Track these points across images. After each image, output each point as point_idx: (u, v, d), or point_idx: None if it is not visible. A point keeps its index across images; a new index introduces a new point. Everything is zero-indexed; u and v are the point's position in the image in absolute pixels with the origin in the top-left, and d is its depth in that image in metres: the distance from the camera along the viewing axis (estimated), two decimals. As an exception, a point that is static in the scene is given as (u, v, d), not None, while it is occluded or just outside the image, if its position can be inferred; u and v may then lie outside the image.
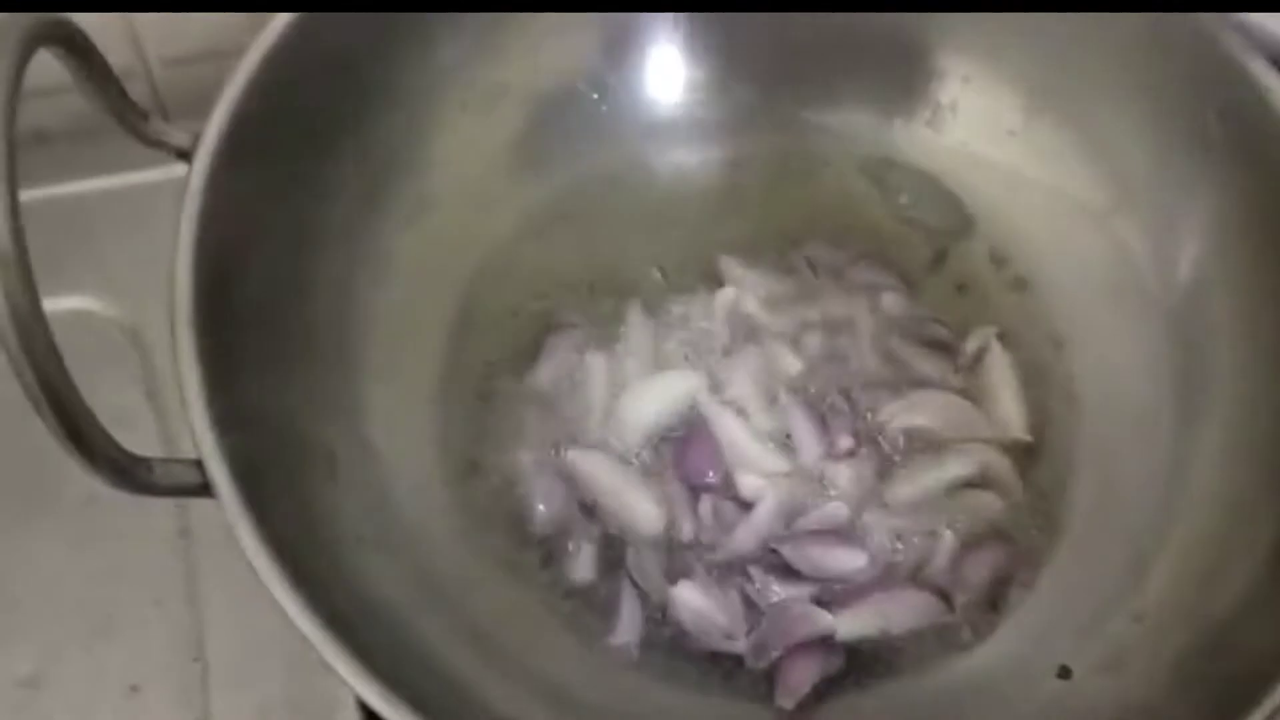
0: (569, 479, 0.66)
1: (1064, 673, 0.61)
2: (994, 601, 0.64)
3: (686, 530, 0.64)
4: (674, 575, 0.63)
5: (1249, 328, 0.63)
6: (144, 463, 0.49)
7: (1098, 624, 0.62)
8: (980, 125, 0.73)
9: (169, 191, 0.57)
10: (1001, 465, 0.67)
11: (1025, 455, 0.67)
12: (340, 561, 0.55)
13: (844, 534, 0.64)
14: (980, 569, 0.64)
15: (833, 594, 0.63)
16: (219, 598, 0.65)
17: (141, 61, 0.80)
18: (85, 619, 0.65)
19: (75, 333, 0.71)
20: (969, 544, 0.65)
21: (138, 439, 0.66)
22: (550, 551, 0.64)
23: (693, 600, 0.62)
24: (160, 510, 0.67)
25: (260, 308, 0.59)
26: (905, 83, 0.74)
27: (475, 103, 0.71)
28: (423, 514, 0.63)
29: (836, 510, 0.65)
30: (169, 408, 0.70)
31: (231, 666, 0.64)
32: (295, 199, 0.62)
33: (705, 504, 0.65)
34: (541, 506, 0.65)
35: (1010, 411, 0.68)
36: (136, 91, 0.79)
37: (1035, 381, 0.69)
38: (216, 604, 0.65)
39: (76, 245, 0.75)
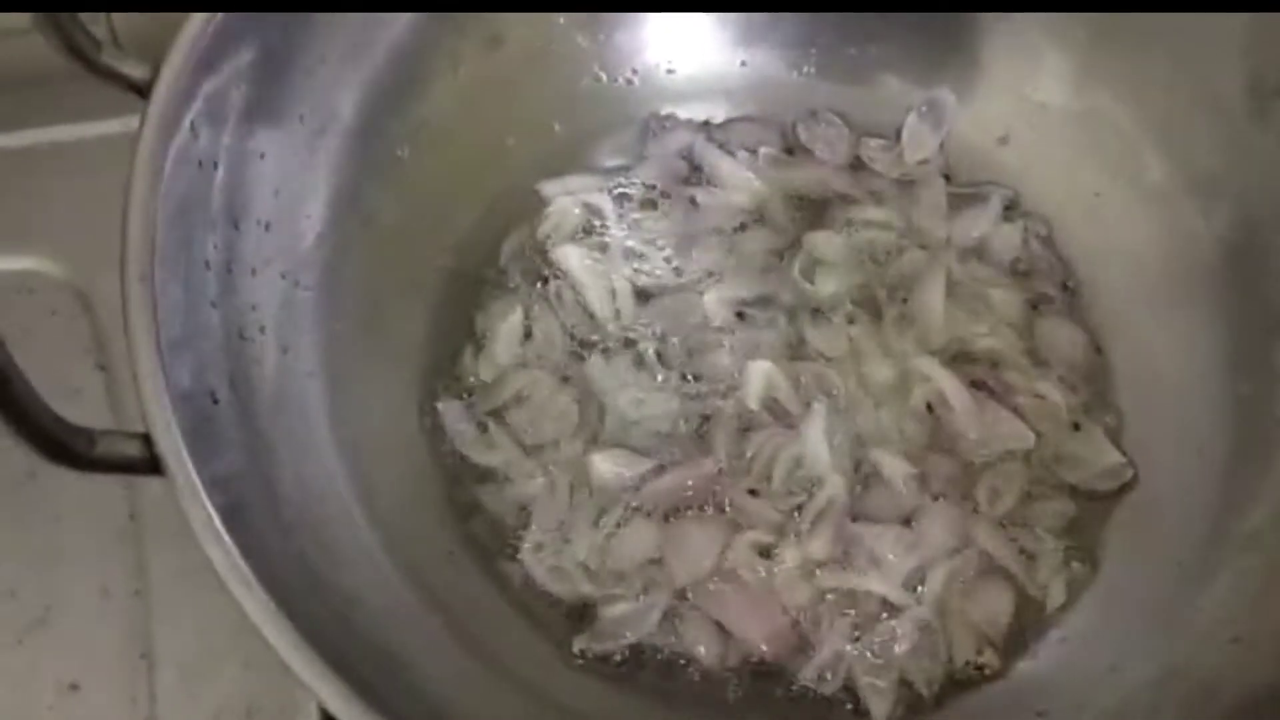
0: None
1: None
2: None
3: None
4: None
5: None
6: (83, 434, 0.43)
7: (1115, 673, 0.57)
8: (1022, 96, 0.69)
9: (129, 144, 0.50)
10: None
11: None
12: (305, 548, 0.50)
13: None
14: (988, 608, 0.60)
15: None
16: (170, 589, 0.61)
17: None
18: (20, 608, 0.61)
19: (21, 296, 0.68)
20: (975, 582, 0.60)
21: (85, 414, 0.61)
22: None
23: None
24: (108, 490, 0.62)
25: (224, 266, 0.54)
26: (940, 51, 0.69)
27: (463, 54, 0.65)
28: (397, 487, 0.59)
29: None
30: (122, 380, 0.65)
31: (182, 665, 0.59)
32: (266, 145, 0.56)
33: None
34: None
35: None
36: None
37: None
38: (168, 596, 0.61)
39: (26, 200, 0.70)
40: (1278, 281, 0.60)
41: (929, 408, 0.63)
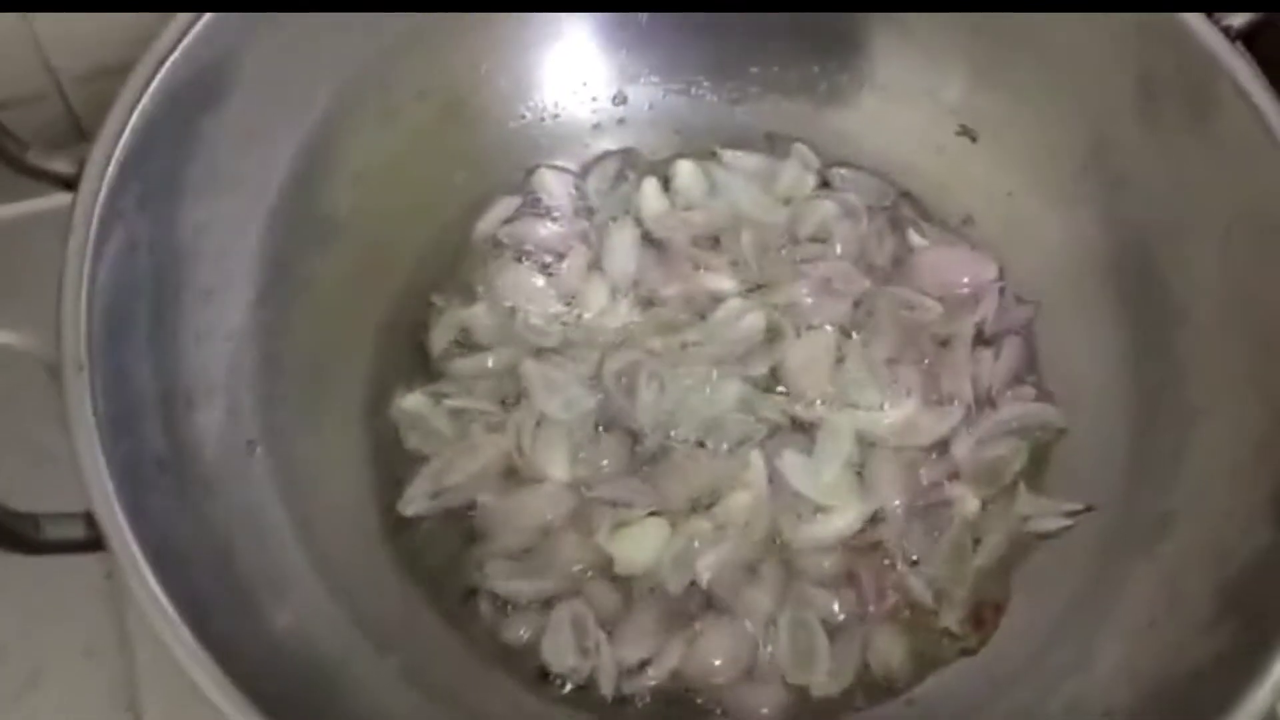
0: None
1: None
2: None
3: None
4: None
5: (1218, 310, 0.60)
6: (28, 519, 0.46)
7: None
8: (914, 101, 0.70)
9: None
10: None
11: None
12: (257, 610, 0.52)
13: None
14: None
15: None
16: (152, 644, 0.58)
17: (52, 81, 0.76)
18: (11, 670, 0.63)
19: (-8, 370, 0.70)
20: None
21: (59, 477, 0.64)
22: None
23: None
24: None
25: (169, 335, 0.56)
26: (833, 60, 0.71)
27: (392, 110, 0.67)
28: (350, 545, 0.61)
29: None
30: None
31: (167, 715, 0.61)
32: (198, 223, 0.58)
33: None
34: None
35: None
36: (51, 113, 0.77)
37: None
38: (150, 651, 0.62)
39: (-3, 273, 0.72)
40: (1175, 275, 0.62)
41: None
